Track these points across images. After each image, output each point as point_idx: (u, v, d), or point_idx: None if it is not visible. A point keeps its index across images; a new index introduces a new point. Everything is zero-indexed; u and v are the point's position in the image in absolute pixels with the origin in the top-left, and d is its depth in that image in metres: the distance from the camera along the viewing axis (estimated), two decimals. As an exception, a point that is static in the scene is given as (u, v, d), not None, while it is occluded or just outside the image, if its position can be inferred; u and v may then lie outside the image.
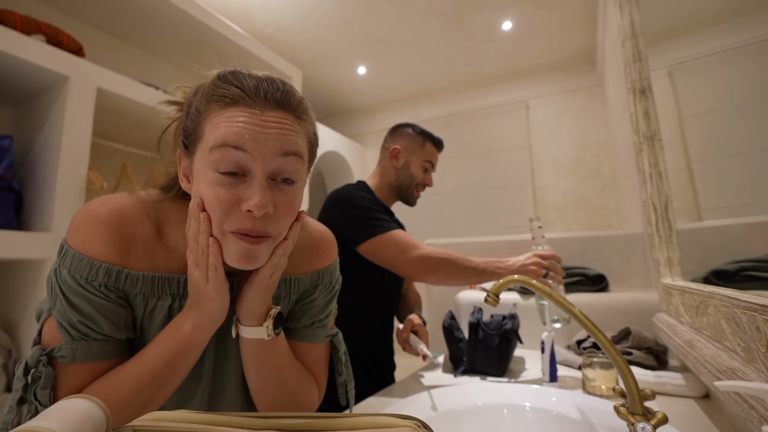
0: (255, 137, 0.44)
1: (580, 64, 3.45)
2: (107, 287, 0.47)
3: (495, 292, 0.65)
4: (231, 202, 0.45)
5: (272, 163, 0.45)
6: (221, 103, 0.45)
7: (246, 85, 0.46)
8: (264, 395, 0.56)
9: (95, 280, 0.46)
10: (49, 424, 0.24)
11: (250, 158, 0.44)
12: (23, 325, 1.10)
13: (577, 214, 3.37)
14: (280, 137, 0.45)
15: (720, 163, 0.72)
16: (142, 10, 1.56)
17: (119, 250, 0.48)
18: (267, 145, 0.44)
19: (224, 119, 0.44)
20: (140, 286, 0.50)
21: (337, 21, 2.88)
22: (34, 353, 0.45)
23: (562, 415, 0.65)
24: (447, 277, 1.00)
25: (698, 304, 0.64)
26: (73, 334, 0.46)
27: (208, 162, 0.45)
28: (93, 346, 0.47)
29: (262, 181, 0.45)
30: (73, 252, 0.47)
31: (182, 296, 0.53)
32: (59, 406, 0.27)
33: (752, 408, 0.41)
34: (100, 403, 0.28)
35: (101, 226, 0.47)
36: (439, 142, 1.23)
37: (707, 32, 0.73)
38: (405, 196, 1.21)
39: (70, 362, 0.46)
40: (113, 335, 0.48)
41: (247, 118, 0.44)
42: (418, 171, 1.19)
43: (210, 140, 0.45)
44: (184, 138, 0.50)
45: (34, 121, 1.25)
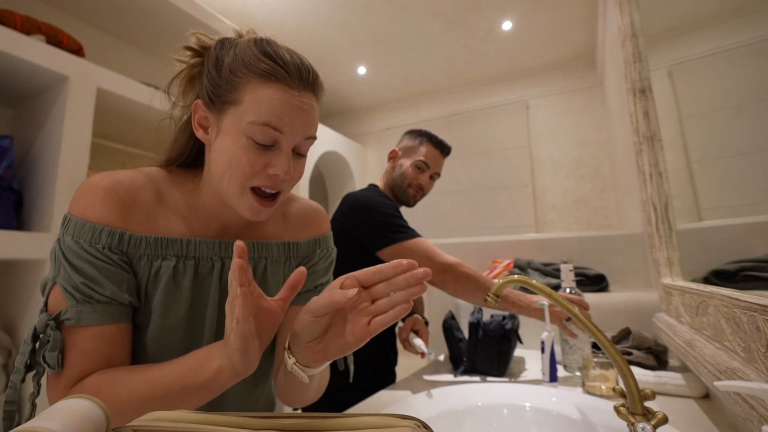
0: (291, 121, 0.50)
1: (580, 64, 3.44)
2: (110, 249, 0.49)
3: (495, 293, 0.65)
4: (260, 165, 0.51)
5: (297, 142, 0.52)
6: (263, 76, 0.49)
7: (287, 63, 0.50)
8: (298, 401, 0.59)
9: (98, 242, 0.49)
10: (49, 423, 0.24)
11: (283, 136, 0.50)
12: (23, 325, 1.09)
13: (577, 214, 3.37)
14: (308, 123, 0.52)
15: (720, 163, 0.72)
16: (142, 10, 1.56)
17: (120, 214, 0.50)
18: (298, 128, 0.51)
19: (266, 96, 0.49)
20: (144, 247, 0.52)
21: (337, 21, 2.88)
22: (42, 318, 0.47)
23: (562, 415, 0.65)
24: (466, 291, 1.00)
25: (698, 304, 0.64)
26: (77, 297, 0.47)
27: (243, 129, 0.49)
28: (97, 309, 0.48)
29: (289, 153, 0.52)
30: (76, 219, 0.49)
31: (186, 257, 0.55)
32: (59, 406, 0.27)
33: (752, 408, 0.41)
34: (100, 403, 0.28)
35: (101, 192, 0.50)
36: (439, 143, 1.21)
37: (707, 32, 0.73)
38: (399, 196, 1.20)
39: (76, 324, 0.47)
40: (116, 298, 0.49)
41: (287, 97, 0.50)
42: (410, 170, 1.18)
43: (250, 113, 0.49)
44: (211, 92, 0.52)
45: (34, 121, 1.25)
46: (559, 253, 1.65)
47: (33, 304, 1.08)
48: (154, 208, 0.54)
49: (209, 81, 0.52)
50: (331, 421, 0.32)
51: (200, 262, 0.56)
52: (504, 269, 1.63)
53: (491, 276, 1.62)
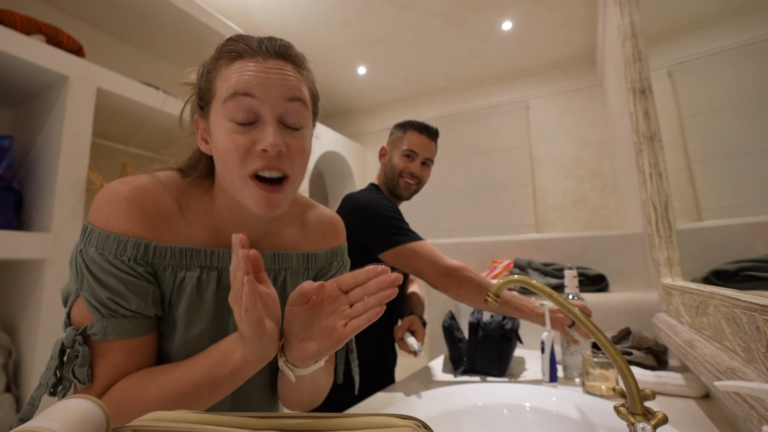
0: (261, 83, 0.48)
1: (580, 64, 3.45)
2: (136, 261, 0.48)
3: (495, 293, 0.65)
4: (247, 145, 0.48)
5: (280, 108, 0.49)
6: (228, 59, 0.50)
7: (249, 41, 0.50)
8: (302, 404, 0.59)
9: (124, 254, 0.48)
10: (49, 424, 0.24)
11: (259, 103, 0.48)
12: (23, 325, 1.09)
13: (577, 214, 3.37)
14: (283, 82, 0.49)
15: (720, 163, 0.72)
16: (142, 10, 1.56)
17: (144, 224, 0.49)
18: (273, 89, 0.48)
19: (232, 71, 0.48)
20: (169, 258, 0.51)
21: (337, 21, 2.88)
22: (69, 333, 0.47)
23: (562, 415, 0.65)
24: (469, 295, 0.99)
25: (698, 304, 0.64)
26: (102, 312, 0.47)
27: (223, 114, 0.49)
28: (123, 323, 0.48)
29: (273, 123, 0.49)
30: (99, 230, 0.48)
31: (209, 267, 0.54)
32: (59, 406, 0.27)
33: (752, 408, 0.41)
34: (100, 403, 0.28)
35: (124, 202, 0.49)
36: (423, 127, 1.17)
37: (707, 32, 0.73)
38: (393, 189, 1.18)
39: (103, 339, 0.47)
40: (142, 312, 0.49)
41: (253, 66, 0.48)
42: (398, 160, 1.16)
43: (222, 93, 0.49)
44: (199, 101, 0.53)
45: (34, 121, 1.25)
46: (559, 253, 1.66)
47: (33, 304, 1.08)
48: (175, 217, 0.53)
49: (198, 94, 0.54)
50: (331, 421, 0.32)
51: (223, 273, 0.55)
52: (504, 269, 1.63)
53: (491, 276, 1.62)
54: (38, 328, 1.04)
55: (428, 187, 4.40)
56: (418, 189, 1.20)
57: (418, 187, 1.20)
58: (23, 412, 0.46)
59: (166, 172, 0.56)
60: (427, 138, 1.18)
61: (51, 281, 1.07)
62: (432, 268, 0.99)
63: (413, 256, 1.01)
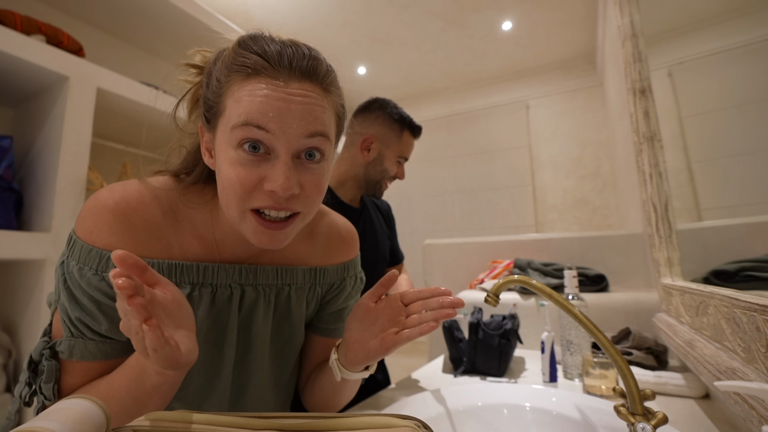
0: (279, 116, 0.41)
1: (580, 64, 3.45)
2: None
3: (495, 293, 0.65)
4: (253, 182, 0.42)
5: (297, 144, 0.43)
6: (242, 74, 0.42)
7: (268, 52, 0.42)
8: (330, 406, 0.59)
9: (105, 270, 0.44)
10: (49, 424, 0.24)
11: (274, 138, 0.41)
12: (23, 325, 1.09)
13: (577, 214, 3.37)
14: (306, 115, 0.42)
15: (720, 163, 0.72)
16: (142, 10, 1.56)
17: (130, 239, 0.45)
18: (292, 124, 0.41)
19: (246, 93, 0.41)
20: None
21: (337, 21, 2.88)
22: (38, 346, 0.45)
23: (562, 416, 0.65)
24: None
25: (698, 304, 0.64)
26: (72, 331, 0.45)
27: (229, 140, 0.42)
28: (90, 346, 0.45)
29: (287, 161, 0.42)
30: (81, 243, 0.45)
31: (201, 284, 0.50)
32: (59, 406, 0.27)
33: (752, 408, 0.41)
34: (101, 403, 0.28)
35: (109, 215, 0.45)
36: (418, 129, 1.09)
37: (707, 32, 0.73)
38: (372, 190, 1.08)
39: (68, 358, 0.45)
40: (112, 336, 0.46)
41: (270, 92, 0.41)
42: (392, 165, 1.06)
43: (232, 117, 0.42)
44: (205, 111, 0.47)
45: (34, 122, 1.25)
46: (559, 253, 1.65)
47: (33, 304, 1.08)
48: (167, 229, 0.48)
49: (204, 103, 0.47)
50: (331, 421, 0.32)
51: (218, 290, 0.51)
52: (504, 269, 1.63)
53: (491, 276, 1.62)
54: (38, 328, 1.04)
55: (428, 187, 4.38)
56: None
57: None
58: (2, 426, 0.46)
59: (161, 178, 0.52)
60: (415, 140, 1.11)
61: (51, 281, 1.07)
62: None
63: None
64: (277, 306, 0.55)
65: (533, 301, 1.34)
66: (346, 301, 0.63)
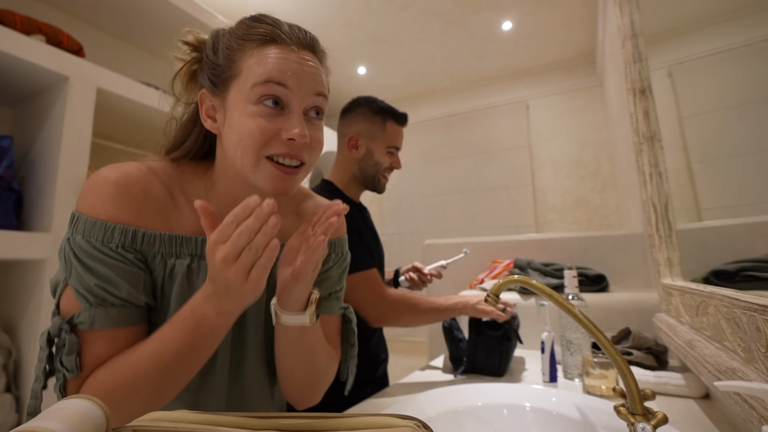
0: (296, 75, 0.49)
1: (580, 64, 3.44)
2: (124, 248, 0.47)
3: (495, 293, 0.65)
4: (272, 131, 0.48)
5: (308, 100, 0.51)
6: (258, 41, 0.49)
7: (280, 25, 0.51)
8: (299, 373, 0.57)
9: (111, 241, 0.46)
10: (49, 424, 0.24)
11: (291, 94, 0.49)
12: (23, 325, 1.09)
13: (577, 215, 3.37)
14: (314, 76, 0.51)
15: (720, 163, 0.72)
16: (142, 10, 1.56)
17: (132, 210, 0.48)
18: (305, 82, 0.49)
19: (265, 57, 0.48)
20: (158, 245, 0.50)
21: (337, 21, 2.88)
22: (55, 322, 0.46)
23: (562, 415, 0.65)
24: (409, 322, 0.99)
25: (698, 304, 0.64)
26: (90, 300, 0.46)
27: (248, 96, 0.48)
28: (111, 312, 0.46)
29: (301, 115, 0.50)
30: (85, 218, 0.47)
31: (200, 256, 0.53)
32: (59, 406, 0.27)
33: (752, 408, 0.41)
34: (100, 403, 0.28)
35: (111, 187, 0.48)
36: (401, 116, 1.10)
37: (707, 32, 0.73)
38: (372, 185, 1.10)
39: (90, 328, 0.46)
40: (132, 300, 0.48)
41: (286, 54, 0.49)
42: (383, 158, 1.08)
43: (252, 76, 0.48)
44: (212, 76, 0.52)
45: (34, 122, 1.25)
46: (560, 253, 1.65)
47: (33, 304, 1.08)
48: (165, 203, 0.52)
49: (209, 67, 0.52)
50: (331, 422, 0.32)
51: None
52: (504, 269, 1.63)
53: (491, 276, 1.62)
54: (38, 328, 1.04)
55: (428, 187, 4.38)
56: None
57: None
58: (29, 406, 0.46)
59: (158, 161, 0.55)
60: (403, 128, 1.12)
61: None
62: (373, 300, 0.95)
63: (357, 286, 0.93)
64: (270, 280, 0.57)
65: (533, 301, 1.34)
66: (327, 272, 0.63)
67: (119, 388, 0.44)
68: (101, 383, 0.44)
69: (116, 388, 0.44)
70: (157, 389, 0.45)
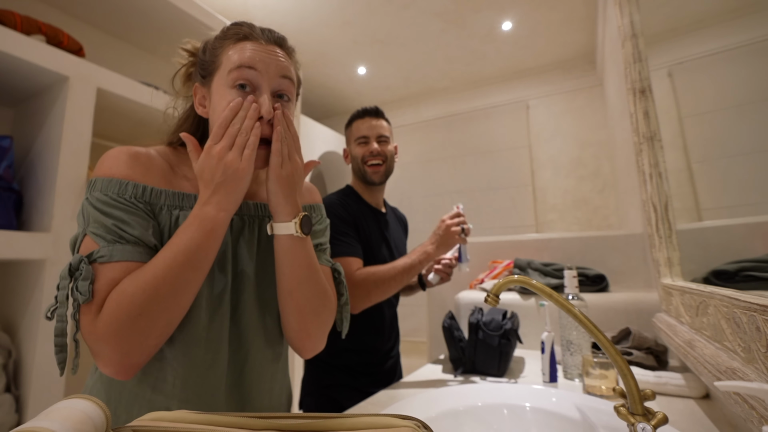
0: (263, 60, 0.59)
1: (580, 64, 3.45)
2: (136, 199, 0.55)
3: (495, 293, 0.65)
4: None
5: (274, 82, 0.60)
6: (234, 38, 0.60)
7: (253, 26, 0.62)
8: (298, 293, 0.61)
9: (125, 194, 0.54)
10: (49, 424, 0.24)
11: (259, 76, 0.59)
12: (23, 325, 1.09)
13: (577, 215, 3.37)
14: (279, 62, 0.60)
15: (720, 163, 0.72)
16: (142, 10, 1.56)
17: (141, 172, 0.57)
18: (271, 66, 0.59)
19: (239, 48, 0.59)
20: (164, 199, 0.58)
21: (337, 21, 2.88)
22: (76, 257, 0.50)
23: (563, 416, 0.65)
24: (381, 295, 1.01)
25: (698, 304, 0.64)
26: (108, 239, 0.52)
27: (226, 82, 0.58)
28: (127, 248, 0.52)
29: (268, 93, 0.59)
30: (102, 178, 0.55)
31: None
32: (59, 407, 0.27)
33: (752, 408, 0.41)
34: (100, 404, 0.28)
35: (124, 155, 0.57)
36: (361, 111, 1.21)
37: (707, 32, 0.73)
38: (364, 178, 1.19)
39: (107, 261, 0.51)
40: (144, 240, 0.54)
41: (256, 47, 0.59)
42: (356, 150, 1.19)
43: (228, 64, 0.59)
44: (201, 71, 0.63)
45: (34, 122, 1.25)
46: (560, 253, 1.66)
47: (33, 305, 1.08)
48: (168, 172, 0.61)
49: (200, 65, 0.63)
50: (331, 422, 0.32)
51: None
52: (504, 269, 1.63)
53: (491, 276, 1.62)
54: (38, 328, 1.04)
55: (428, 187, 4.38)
56: (391, 166, 1.21)
57: (388, 164, 1.19)
58: (57, 328, 0.50)
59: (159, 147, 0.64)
60: (371, 118, 1.20)
61: (51, 281, 1.07)
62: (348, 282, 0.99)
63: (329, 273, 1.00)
64: (260, 238, 0.65)
65: (533, 301, 1.34)
66: (313, 228, 0.71)
67: (141, 293, 0.49)
68: (123, 291, 0.49)
69: (137, 293, 0.49)
70: (173, 289, 0.50)
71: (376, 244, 1.15)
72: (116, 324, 0.47)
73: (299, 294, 0.61)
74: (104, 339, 0.48)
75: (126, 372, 0.50)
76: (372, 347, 1.14)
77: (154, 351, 0.51)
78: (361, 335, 1.09)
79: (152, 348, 0.50)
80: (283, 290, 0.62)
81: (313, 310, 0.62)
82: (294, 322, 0.63)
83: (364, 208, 1.18)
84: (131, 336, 0.48)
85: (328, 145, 3.63)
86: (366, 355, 1.13)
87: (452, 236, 1.00)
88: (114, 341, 0.48)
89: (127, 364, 0.49)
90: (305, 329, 0.63)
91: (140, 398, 0.55)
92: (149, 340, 0.50)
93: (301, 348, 0.65)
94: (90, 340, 0.49)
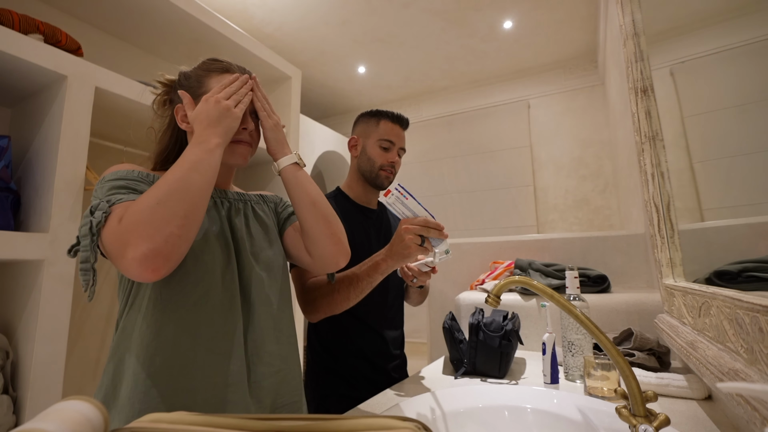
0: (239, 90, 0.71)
1: (581, 63, 3.44)
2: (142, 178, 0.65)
3: (496, 293, 0.65)
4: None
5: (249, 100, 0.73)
6: (219, 71, 0.74)
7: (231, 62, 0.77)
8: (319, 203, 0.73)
9: (132, 175, 0.64)
10: (47, 425, 0.24)
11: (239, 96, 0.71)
12: (21, 326, 1.09)
13: (578, 215, 3.36)
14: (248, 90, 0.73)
15: (722, 162, 0.72)
16: (142, 10, 1.56)
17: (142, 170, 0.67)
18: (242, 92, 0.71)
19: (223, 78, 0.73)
20: None
21: (337, 20, 2.88)
22: (95, 202, 0.58)
23: (564, 417, 0.65)
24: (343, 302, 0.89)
25: (700, 305, 0.64)
26: (123, 192, 0.60)
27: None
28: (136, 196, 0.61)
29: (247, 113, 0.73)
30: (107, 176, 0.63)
31: None
32: (57, 408, 0.26)
33: (755, 410, 0.40)
34: (99, 405, 0.28)
35: (125, 164, 0.67)
36: (396, 117, 1.17)
37: (709, 31, 0.72)
38: (372, 181, 1.15)
39: (125, 201, 0.58)
40: None
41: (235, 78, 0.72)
42: (375, 151, 1.13)
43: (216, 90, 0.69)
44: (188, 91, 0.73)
45: (31, 121, 1.25)
46: (561, 253, 1.65)
47: (31, 305, 1.07)
48: None
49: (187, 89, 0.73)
50: (330, 423, 0.32)
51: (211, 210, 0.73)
52: (505, 270, 1.62)
53: (492, 276, 1.62)
54: (36, 329, 1.03)
55: (428, 187, 4.37)
56: (393, 178, 1.19)
57: (393, 176, 1.19)
58: (81, 256, 0.56)
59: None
60: (400, 128, 1.18)
61: (49, 282, 1.06)
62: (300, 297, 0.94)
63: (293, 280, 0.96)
64: (247, 215, 0.76)
65: (534, 302, 1.34)
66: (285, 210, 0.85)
67: (155, 189, 0.56)
68: (137, 205, 0.55)
69: (152, 191, 0.56)
70: (184, 185, 0.57)
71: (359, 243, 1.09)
72: (137, 215, 0.53)
73: (321, 203, 0.73)
74: (128, 228, 0.53)
75: (152, 262, 0.52)
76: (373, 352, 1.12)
77: (177, 244, 0.54)
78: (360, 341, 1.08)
79: (175, 238, 0.54)
80: (305, 206, 0.72)
81: (335, 216, 0.74)
82: (324, 227, 0.72)
83: (350, 207, 1.17)
84: (152, 220, 0.53)
85: (328, 144, 3.63)
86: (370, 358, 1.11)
87: (407, 248, 0.81)
88: (138, 227, 0.52)
89: (153, 250, 0.52)
90: (334, 234, 0.73)
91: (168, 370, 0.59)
92: (170, 227, 0.53)
93: (336, 253, 0.73)
94: (114, 236, 0.54)
